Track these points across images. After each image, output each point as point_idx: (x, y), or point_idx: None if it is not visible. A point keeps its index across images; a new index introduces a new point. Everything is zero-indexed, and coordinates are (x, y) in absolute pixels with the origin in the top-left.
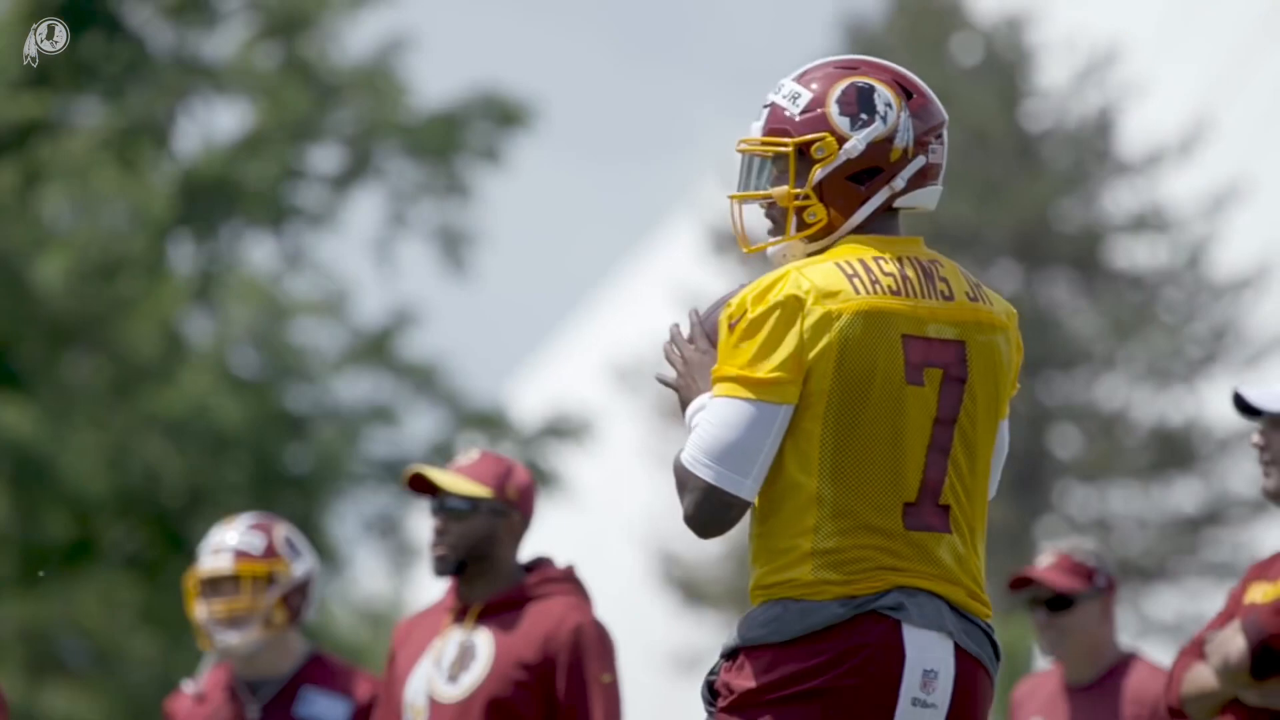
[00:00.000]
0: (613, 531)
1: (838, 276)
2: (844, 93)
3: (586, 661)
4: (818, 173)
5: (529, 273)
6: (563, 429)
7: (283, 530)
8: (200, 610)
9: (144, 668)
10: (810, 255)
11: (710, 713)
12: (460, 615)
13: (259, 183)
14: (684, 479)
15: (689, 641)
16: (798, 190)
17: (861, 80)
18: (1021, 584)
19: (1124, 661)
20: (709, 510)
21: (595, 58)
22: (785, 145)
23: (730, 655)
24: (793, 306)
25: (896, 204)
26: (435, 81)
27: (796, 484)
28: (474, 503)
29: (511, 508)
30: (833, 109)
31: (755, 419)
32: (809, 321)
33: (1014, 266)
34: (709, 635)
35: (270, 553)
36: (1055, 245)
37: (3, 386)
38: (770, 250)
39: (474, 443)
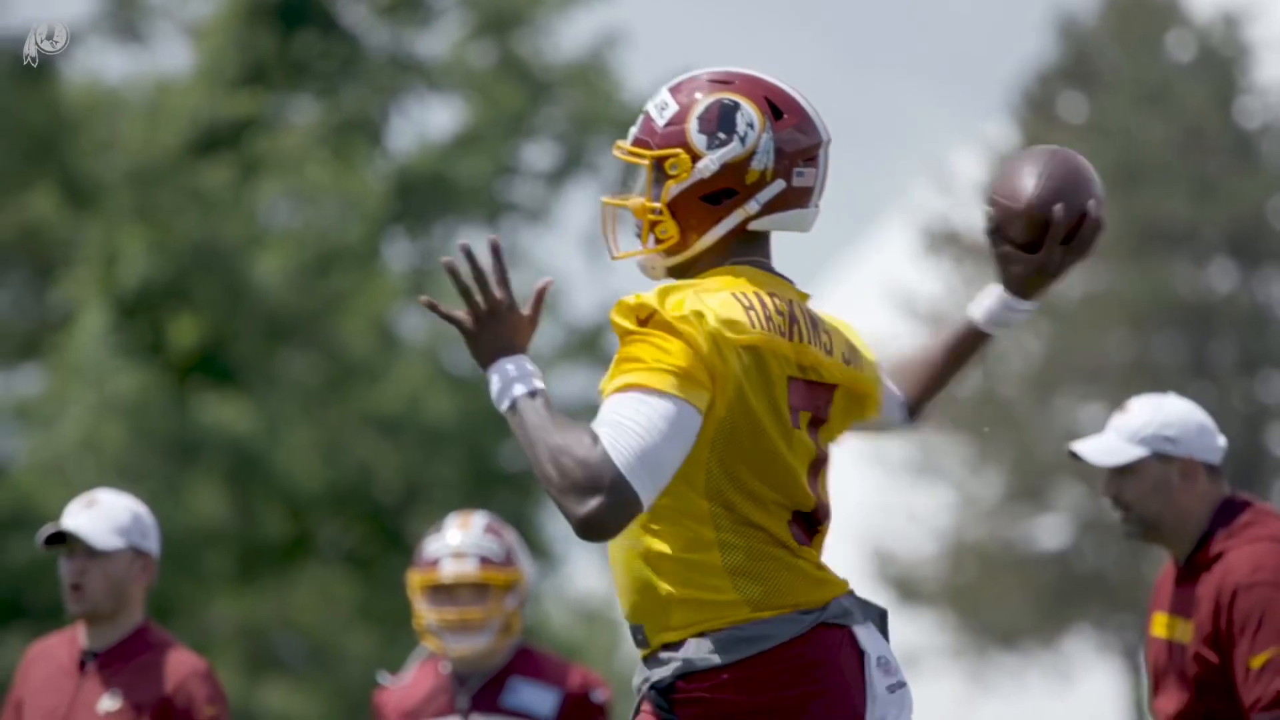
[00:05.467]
0: None
1: (736, 306)
2: (706, 110)
3: None
4: (671, 189)
5: None
6: None
7: (511, 534)
8: (429, 612)
9: (360, 664)
10: (670, 270)
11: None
12: None
13: (473, 179)
14: (595, 475)
15: (904, 639)
16: (652, 204)
17: (729, 97)
18: None
19: None
20: (619, 519)
21: (808, 55)
22: (643, 158)
23: (678, 680)
24: (703, 322)
25: (753, 226)
26: (647, 74)
27: (690, 501)
28: None
29: None
30: (692, 125)
31: (677, 420)
32: (720, 343)
33: (1230, 264)
34: (925, 633)
35: (510, 560)
36: (1272, 242)
37: (220, 383)
38: (636, 260)
39: None
